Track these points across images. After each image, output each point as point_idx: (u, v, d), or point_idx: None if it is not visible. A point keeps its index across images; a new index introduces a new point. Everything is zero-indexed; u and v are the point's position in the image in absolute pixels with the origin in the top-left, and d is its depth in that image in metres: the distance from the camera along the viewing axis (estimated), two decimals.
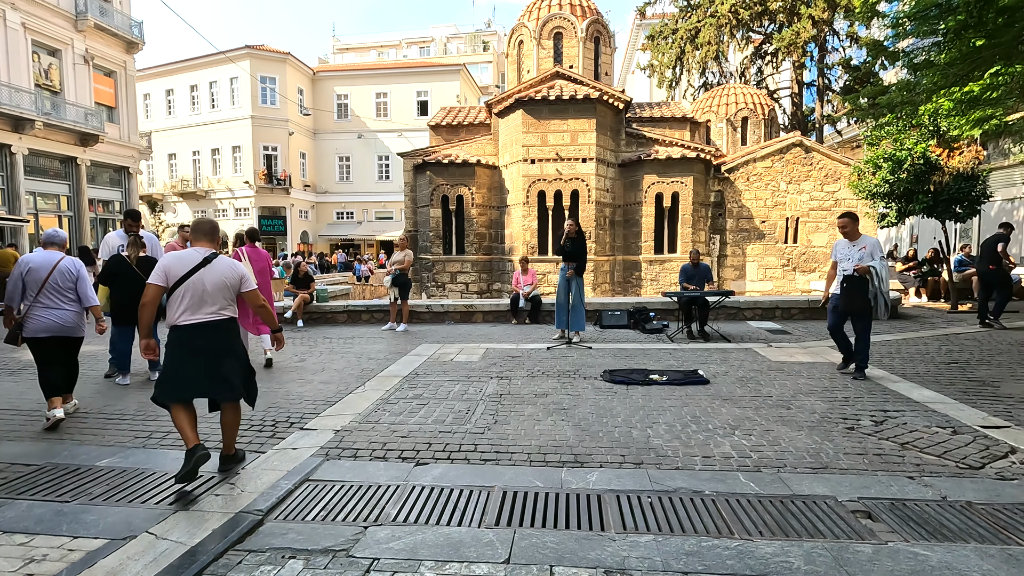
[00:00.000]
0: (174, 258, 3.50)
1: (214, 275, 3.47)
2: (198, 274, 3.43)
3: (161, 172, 35.24)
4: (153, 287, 3.43)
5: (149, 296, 3.43)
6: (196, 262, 3.45)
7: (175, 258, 3.50)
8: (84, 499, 3.17)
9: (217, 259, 3.53)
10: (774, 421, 4.46)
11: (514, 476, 3.50)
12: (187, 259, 3.47)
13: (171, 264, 3.44)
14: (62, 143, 20.00)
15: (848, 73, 22.83)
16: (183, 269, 3.42)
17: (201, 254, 3.50)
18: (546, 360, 6.85)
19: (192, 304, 3.43)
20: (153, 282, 3.43)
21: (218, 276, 3.49)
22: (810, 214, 16.25)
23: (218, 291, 3.49)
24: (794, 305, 10.08)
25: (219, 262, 3.53)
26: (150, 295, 3.43)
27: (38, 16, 19.02)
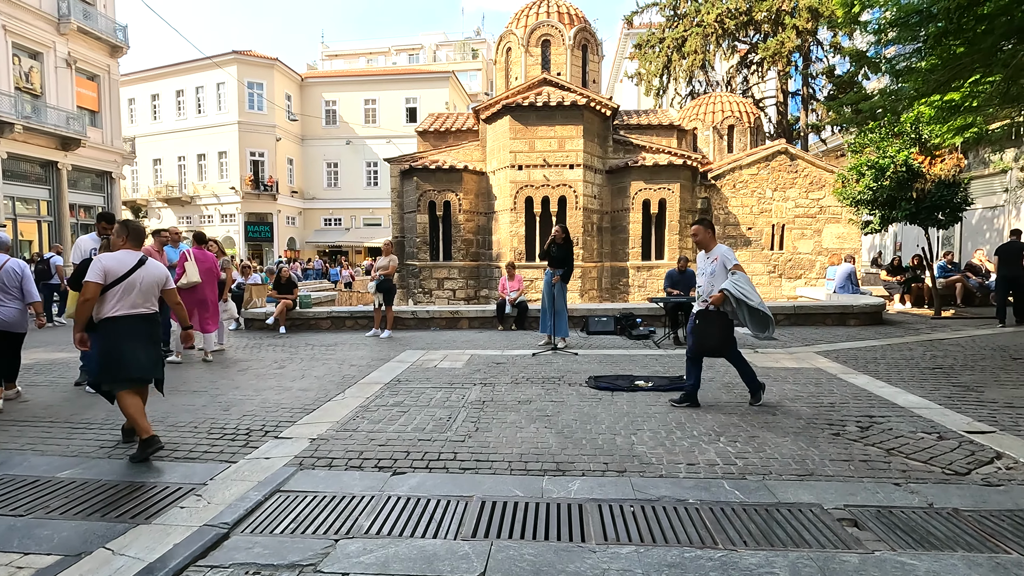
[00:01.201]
0: (112, 259, 3.90)
1: (147, 275, 3.97)
2: (135, 274, 3.90)
3: (146, 177, 34.80)
4: (93, 285, 3.79)
5: (89, 294, 3.79)
6: (132, 264, 3.91)
7: (113, 260, 3.90)
8: (40, 512, 3.01)
9: (148, 261, 4.03)
10: (760, 427, 4.40)
11: (494, 485, 3.39)
12: (124, 261, 3.92)
13: (110, 265, 3.85)
14: (43, 147, 19.65)
15: (832, 82, 23.13)
16: (122, 270, 3.87)
17: (135, 256, 3.97)
18: (531, 366, 6.76)
19: (127, 300, 3.87)
20: (93, 280, 3.79)
21: (151, 276, 4.00)
22: (796, 221, 16.36)
23: (149, 289, 4.00)
24: (780, 311, 10.07)
25: (150, 263, 4.03)
26: (90, 293, 3.79)
27: (19, 18, 18.72)
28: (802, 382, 5.86)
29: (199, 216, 33.23)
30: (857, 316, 9.85)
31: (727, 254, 5.01)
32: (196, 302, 7.01)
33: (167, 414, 4.83)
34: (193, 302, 6.94)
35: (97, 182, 22.81)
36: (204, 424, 4.55)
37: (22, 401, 5.22)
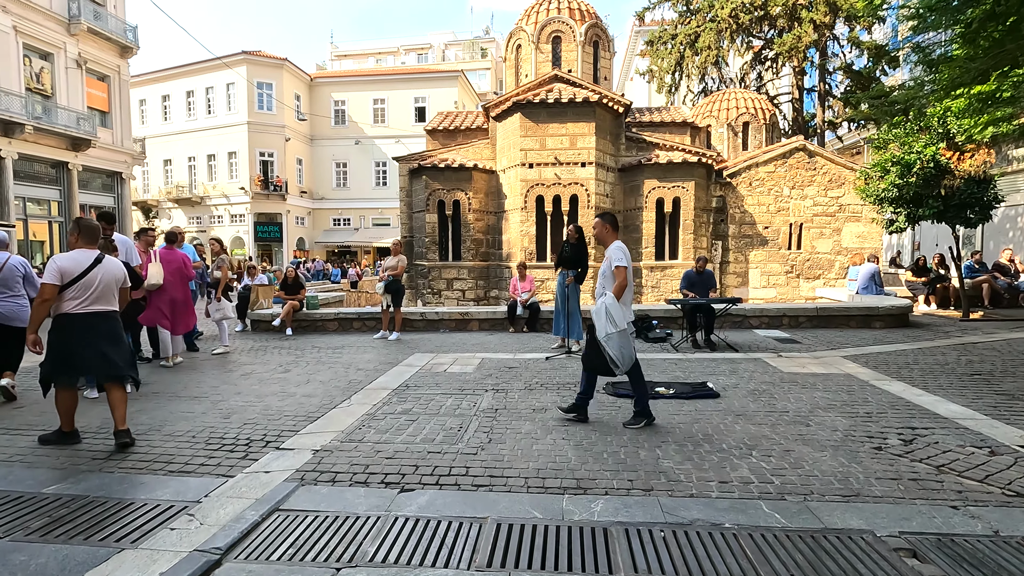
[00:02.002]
0: (67, 259, 3.94)
1: (106, 273, 4.02)
2: (92, 272, 3.95)
3: (156, 178, 34.93)
4: (50, 287, 3.84)
5: (47, 295, 3.85)
6: (89, 263, 3.96)
7: (68, 259, 3.94)
8: (19, 534, 2.78)
9: (106, 259, 4.08)
10: (794, 440, 4.09)
11: (509, 505, 3.12)
12: (80, 260, 3.96)
13: (66, 265, 3.89)
14: (53, 148, 19.68)
15: (849, 78, 22.63)
16: (77, 269, 3.91)
17: (91, 255, 4.02)
18: (545, 371, 6.48)
19: (85, 297, 3.91)
20: (49, 282, 3.84)
21: (109, 274, 4.05)
22: (814, 220, 15.94)
23: (107, 287, 4.03)
24: (802, 313, 9.73)
25: (108, 261, 4.08)
26: (47, 294, 3.84)
27: (30, 19, 18.74)
28: (833, 389, 5.53)
29: (209, 216, 33.29)
30: (883, 318, 9.46)
31: (614, 253, 4.52)
32: (165, 303, 6.82)
33: (164, 421, 4.62)
34: (162, 303, 6.79)
35: (107, 182, 22.84)
36: (203, 433, 4.32)
37: (18, 407, 5.02)
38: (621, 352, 4.31)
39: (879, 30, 22.31)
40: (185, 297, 7.13)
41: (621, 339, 4.32)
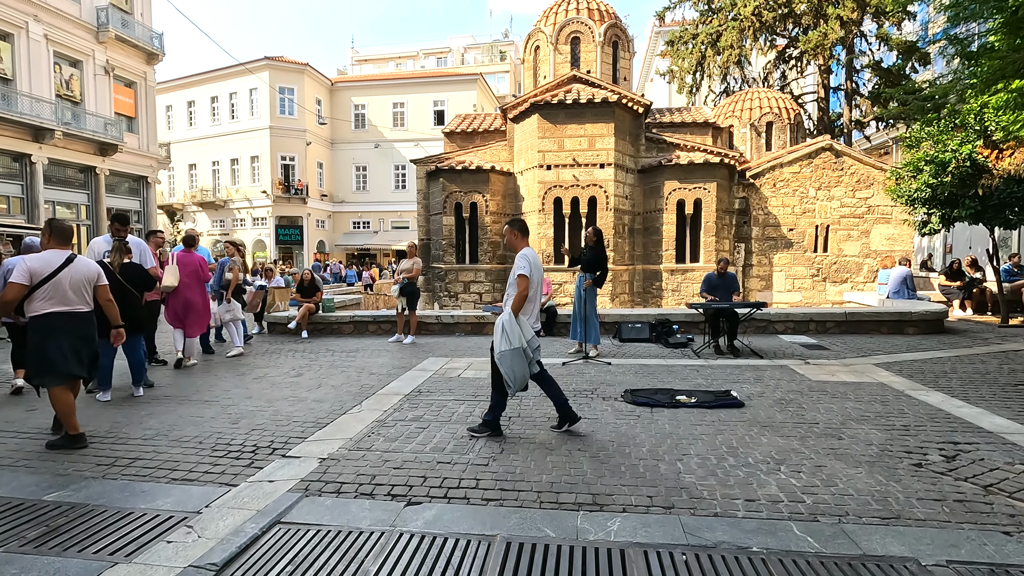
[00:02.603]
0: (37, 260, 3.97)
1: (76, 273, 4.06)
2: (62, 273, 3.98)
3: (181, 182, 35.60)
4: (17, 287, 3.87)
5: (11, 295, 3.90)
6: (59, 263, 4.00)
7: (39, 260, 3.98)
8: (14, 545, 2.70)
9: (77, 259, 4.13)
10: (825, 454, 3.84)
11: (520, 521, 2.95)
12: (50, 261, 3.99)
13: (35, 266, 3.92)
14: (81, 152, 20.13)
15: (878, 76, 21.98)
16: (47, 270, 3.95)
17: (62, 256, 4.06)
18: (561, 377, 6.27)
19: (57, 298, 3.96)
20: (17, 282, 3.87)
21: (79, 274, 4.09)
22: (841, 221, 15.45)
23: (78, 287, 4.07)
24: (829, 318, 9.36)
25: (79, 262, 4.13)
26: (12, 294, 3.89)
27: (60, 28, 19.22)
28: (865, 399, 5.24)
29: (232, 220, 33.78)
30: (916, 324, 9.06)
31: (518, 260, 4.34)
32: (180, 305, 6.89)
33: (173, 426, 4.55)
34: (178, 305, 6.87)
35: (134, 186, 23.30)
36: (210, 439, 4.24)
37: (31, 409, 5.02)
38: (513, 371, 4.11)
39: (909, 26, 21.64)
40: (202, 299, 7.15)
41: (514, 357, 4.12)
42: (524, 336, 4.17)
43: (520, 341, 4.14)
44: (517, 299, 4.25)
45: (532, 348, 4.19)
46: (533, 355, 4.19)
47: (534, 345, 4.22)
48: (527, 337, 4.19)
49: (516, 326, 4.19)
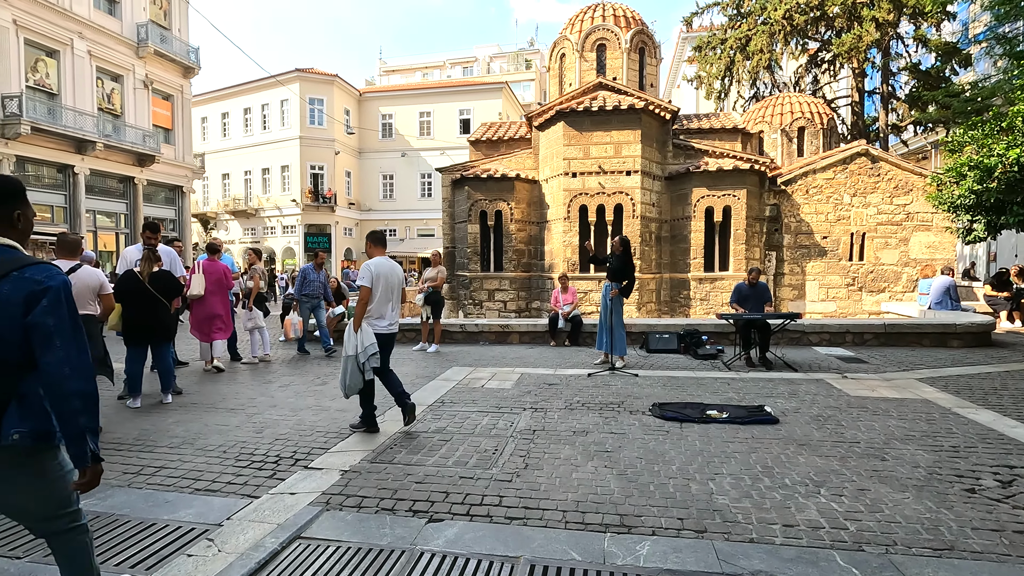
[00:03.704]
0: None
1: (79, 282, 4.53)
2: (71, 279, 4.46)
3: (215, 191, 36.59)
4: None
5: None
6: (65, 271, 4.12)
7: None
8: (39, 555, 2.71)
9: (81, 268, 4.62)
10: (868, 477, 3.63)
11: (545, 542, 2.84)
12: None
13: None
14: (121, 163, 20.84)
15: (916, 78, 21.27)
16: None
17: (67, 266, 4.51)
18: (587, 389, 6.16)
19: None
20: None
21: (82, 283, 4.60)
22: (878, 229, 14.92)
23: (82, 294, 4.53)
24: (868, 329, 9.00)
25: (83, 271, 4.64)
26: None
27: (103, 44, 19.99)
28: (909, 417, 4.97)
29: (263, 228, 34.53)
30: (961, 337, 8.64)
31: (362, 270, 4.67)
32: (204, 313, 7.03)
33: (199, 435, 4.58)
34: (202, 313, 7.01)
35: (170, 196, 24.01)
36: (233, 448, 4.24)
37: None
38: (345, 378, 4.46)
39: (948, 26, 20.92)
40: (224, 306, 7.26)
41: (349, 366, 4.44)
42: (360, 344, 4.46)
43: (353, 350, 4.46)
44: (359, 304, 4.59)
45: (367, 355, 4.45)
46: (368, 362, 4.45)
47: (370, 352, 4.47)
48: (365, 344, 4.47)
49: (352, 336, 4.51)
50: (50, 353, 1.74)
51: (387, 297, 4.71)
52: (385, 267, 4.72)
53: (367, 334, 4.50)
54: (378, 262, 4.71)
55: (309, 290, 8.82)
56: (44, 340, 1.73)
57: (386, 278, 4.69)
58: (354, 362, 4.43)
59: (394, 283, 4.78)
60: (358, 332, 4.48)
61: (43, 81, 18.24)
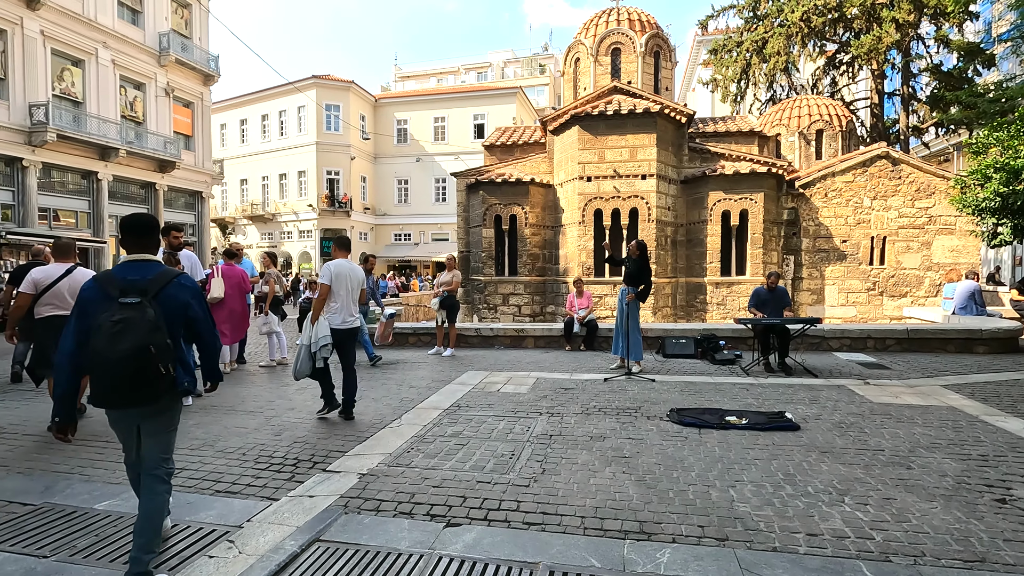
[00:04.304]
0: (41, 272, 4.78)
1: (74, 282, 4.75)
2: (61, 282, 4.74)
3: (233, 196, 37.15)
4: (24, 295, 4.70)
5: (21, 301, 4.71)
6: (59, 274, 4.77)
7: (41, 272, 4.78)
8: (65, 554, 2.76)
9: (76, 270, 4.86)
10: (893, 485, 3.55)
11: (564, 548, 2.82)
12: (51, 272, 4.78)
13: (38, 277, 4.73)
14: (143, 169, 21.25)
15: (937, 80, 20.91)
16: (48, 280, 4.74)
17: (62, 268, 4.81)
18: (603, 394, 6.12)
19: (57, 303, 4.70)
20: (24, 291, 4.71)
21: (76, 283, 4.69)
22: (899, 232, 14.66)
23: (74, 292, 4.60)
24: (890, 335, 8.83)
25: (77, 272, 4.86)
26: (22, 301, 4.71)
27: (126, 53, 20.43)
28: (935, 425, 4.86)
29: (279, 232, 34.96)
30: (987, 343, 8.44)
31: (323, 269, 5.23)
32: (224, 316, 7.11)
33: (218, 437, 4.63)
34: (222, 316, 7.07)
35: (189, 201, 24.41)
36: (253, 451, 4.28)
37: (86, 417, 5.21)
38: (296, 363, 4.97)
39: (971, 26, 20.55)
40: (242, 309, 7.37)
41: (302, 353, 4.94)
42: (315, 335, 4.94)
43: (307, 340, 4.96)
44: (315, 303, 5.10)
45: (318, 346, 4.93)
46: (319, 352, 4.94)
47: (322, 343, 4.94)
48: (319, 335, 4.95)
49: (308, 327, 5.02)
50: (204, 332, 2.78)
51: (345, 295, 5.20)
52: (344, 268, 5.22)
53: (322, 326, 4.98)
54: (338, 263, 5.22)
55: None
56: (198, 323, 2.73)
57: (346, 278, 5.20)
58: (307, 350, 4.93)
59: (353, 283, 5.27)
60: (315, 325, 4.96)
61: (69, 90, 18.69)
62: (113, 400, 2.44)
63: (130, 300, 2.45)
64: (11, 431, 4.81)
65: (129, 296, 2.46)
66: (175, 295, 2.60)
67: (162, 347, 2.44)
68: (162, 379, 2.45)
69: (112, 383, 2.37)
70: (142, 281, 2.52)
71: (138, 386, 2.39)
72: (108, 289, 2.49)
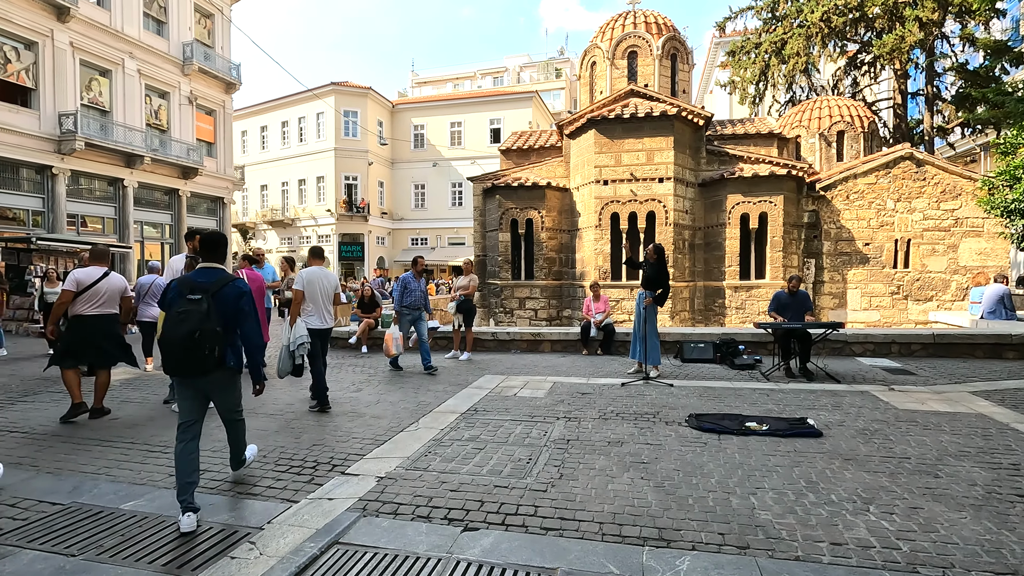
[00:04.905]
0: (83, 273, 5.32)
1: (109, 285, 5.39)
2: (99, 284, 5.31)
3: (254, 202, 37.76)
4: (68, 292, 5.19)
5: (64, 298, 5.17)
6: (97, 276, 5.33)
7: (83, 273, 5.32)
8: (91, 553, 2.82)
9: (111, 275, 5.46)
10: (920, 494, 3.46)
11: (581, 555, 2.80)
12: (91, 274, 5.34)
13: (80, 277, 5.27)
14: (166, 176, 21.71)
15: (963, 79, 20.44)
16: (88, 280, 5.29)
17: (100, 271, 5.40)
18: (621, 398, 6.08)
19: (93, 302, 5.29)
20: (68, 288, 5.20)
21: (112, 286, 5.40)
22: (924, 235, 14.35)
23: (111, 295, 5.39)
24: (915, 340, 8.64)
25: (112, 276, 5.46)
26: (65, 298, 5.18)
27: (151, 63, 20.93)
28: (963, 432, 4.73)
29: (298, 237, 35.42)
30: (1017, 348, 8.20)
31: (296, 277, 5.89)
32: None
33: None
34: None
35: (211, 207, 24.87)
36: (273, 453, 4.33)
37: (112, 418, 5.32)
38: (279, 363, 5.37)
39: (998, 24, 20.09)
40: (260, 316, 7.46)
41: (283, 353, 5.38)
42: (293, 335, 5.44)
43: (286, 340, 5.46)
44: (292, 307, 5.74)
45: (296, 344, 5.39)
46: (297, 350, 5.37)
47: (299, 342, 5.40)
48: (297, 335, 5.44)
49: (287, 329, 5.59)
50: (246, 324, 3.45)
51: (319, 300, 5.80)
52: (317, 274, 5.79)
53: (299, 327, 5.49)
54: (311, 270, 5.81)
55: (410, 300, 7.83)
56: (244, 318, 3.42)
57: (319, 283, 5.77)
58: (286, 350, 5.37)
59: (326, 288, 5.85)
60: (293, 326, 5.50)
61: (96, 99, 19.20)
62: (175, 369, 3.21)
63: (194, 297, 3.20)
64: (40, 432, 4.94)
65: (195, 294, 3.22)
66: (229, 294, 3.35)
67: (209, 334, 3.13)
68: (208, 358, 3.15)
69: (174, 358, 3.16)
70: (206, 283, 3.30)
71: (190, 361, 3.15)
72: (182, 288, 3.29)
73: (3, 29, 16.15)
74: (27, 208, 17.37)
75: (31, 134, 16.82)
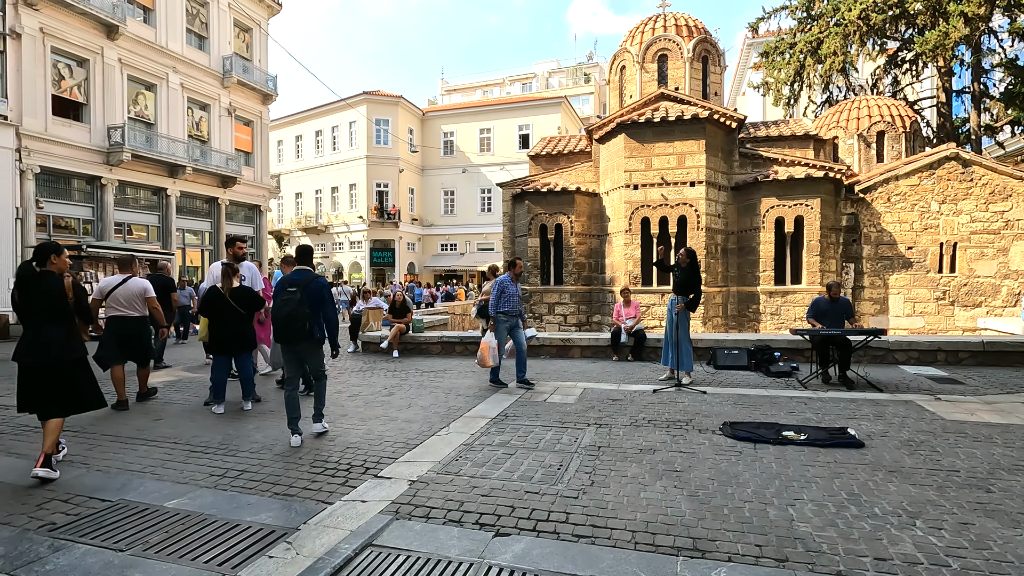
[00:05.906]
0: (105, 281, 6.18)
1: (128, 290, 6.13)
2: (119, 289, 6.09)
3: (289, 209, 38.77)
4: (93, 300, 5.94)
5: (92, 305, 5.63)
6: (117, 282, 6.12)
7: (105, 281, 6.18)
8: (138, 548, 2.93)
9: (131, 280, 6.19)
10: (971, 509, 3.31)
11: (614, 563, 2.77)
12: (112, 281, 6.16)
13: (103, 285, 6.12)
14: (207, 185, 22.48)
15: (1012, 75, 19.58)
16: (109, 287, 6.10)
17: (121, 277, 6.18)
18: (652, 405, 6.00)
19: (116, 306, 6.07)
20: (93, 297, 6.04)
21: (129, 291, 6.14)
22: (971, 238, 13.75)
23: (131, 299, 6.14)
24: (963, 347, 8.27)
25: (132, 282, 6.19)
26: (93, 305, 5.67)
27: (193, 76, 21.76)
28: (1017, 445, 4.51)
29: (332, 243, 36.19)
30: None
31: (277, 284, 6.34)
32: None
33: (276, 441, 4.81)
34: None
35: (248, 215, 25.62)
36: (308, 455, 4.43)
37: (156, 419, 5.52)
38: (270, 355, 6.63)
39: None
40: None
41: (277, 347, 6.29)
42: None
43: None
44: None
45: None
46: None
47: None
48: None
49: None
50: (326, 308, 4.89)
51: None
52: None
53: None
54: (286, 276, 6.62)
55: (507, 306, 7.04)
56: (324, 304, 4.86)
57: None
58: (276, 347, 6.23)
59: None
60: None
61: (142, 112, 20.05)
62: (281, 339, 4.76)
63: (291, 289, 4.70)
64: (91, 431, 5.16)
65: (292, 287, 4.71)
66: (315, 287, 4.79)
67: (301, 315, 4.62)
68: (301, 330, 4.65)
69: (280, 331, 4.73)
70: (300, 280, 4.76)
71: (290, 332, 4.69)
72: (284, 284, 4.76)
73: (58, 48, 17.04)
74: (78, 217, 18.23)
75: (82, 146, 17.67)
